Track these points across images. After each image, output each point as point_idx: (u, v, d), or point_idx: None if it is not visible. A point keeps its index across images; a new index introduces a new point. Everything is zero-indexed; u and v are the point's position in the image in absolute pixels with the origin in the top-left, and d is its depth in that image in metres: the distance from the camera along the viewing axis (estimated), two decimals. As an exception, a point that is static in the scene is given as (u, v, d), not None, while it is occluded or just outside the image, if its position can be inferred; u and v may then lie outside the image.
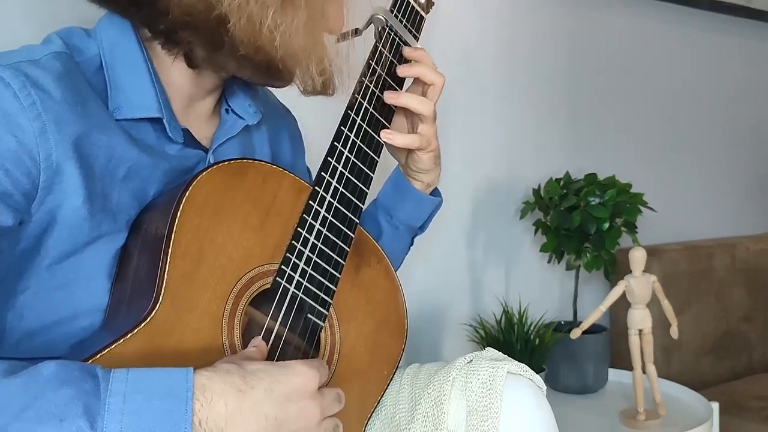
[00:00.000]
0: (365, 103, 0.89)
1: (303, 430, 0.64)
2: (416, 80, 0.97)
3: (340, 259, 0.84)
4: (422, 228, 1.07)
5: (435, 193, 1.05)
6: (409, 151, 0.98)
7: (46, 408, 0.54)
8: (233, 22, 0.74)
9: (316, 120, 1.15)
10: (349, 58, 0.87)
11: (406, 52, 0.95)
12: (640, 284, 1.45)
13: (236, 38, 0.76)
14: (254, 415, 0.60)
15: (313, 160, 1.12)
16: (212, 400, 0.58)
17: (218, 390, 0.59)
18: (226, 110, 0.90)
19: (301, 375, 0.64)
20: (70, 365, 0.58)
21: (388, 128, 0.92)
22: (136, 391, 0.57)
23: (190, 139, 0.84)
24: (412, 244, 1.09)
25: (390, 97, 0.92)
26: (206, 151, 0.86)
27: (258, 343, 0.73)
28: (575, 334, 1.46)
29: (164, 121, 0.80)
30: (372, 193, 1.01)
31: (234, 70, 0.82)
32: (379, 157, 0.90)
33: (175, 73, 0.82)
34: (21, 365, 0.58)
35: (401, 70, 0.94)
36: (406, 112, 0.97)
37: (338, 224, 0.84)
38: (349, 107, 0.88)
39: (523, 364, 0.87)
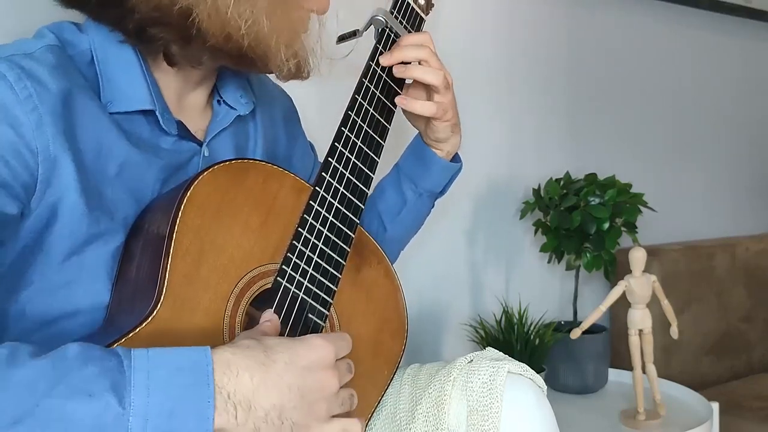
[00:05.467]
0: (365, 104, 0.90)
1: (323, 400, 0.65)
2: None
3: (340, 259, 0.84)
4: (443, 192, 1.09)
5: (455, 157, 1.07)
6: (427, 121, 1.00)
7: (75, 384, 0.55)
8: (196, 13, 0.75)
9: (318, 120, 1.15)
10: (320, 39, 0.87)
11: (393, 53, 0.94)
12: (640, 284, 1.45)
13: (203, 30, 0.76)
14: (278, 387, 0.61)
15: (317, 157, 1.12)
16: (238, 374, 0.60)
17: (243, 364, 0.60)
18: (218, 101, 0.91)
19: (319, 348, 0.65)
20: (91, 346, 0.59)
21: (389, 128, 0.93)
22: (159, 366, 0.58)
23: (184, 132, 0.84)
24: (432, 206, 1.11)
25: (399, 71, 0.93)
26: (200, 144, 0.87)
27: (270, 317, 0.73)
28: (575, 334, 1.46)
29: (157, 113, 0.80)
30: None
31: (209, 62, 0.83)
32: (379, 158, 0.91)
33: (164, 67, 0.83)
34: (44, 349, 0.59)
35: (385, 59, 0.93)
36: (423, 84, 0.97)
37: (339, 224, 0.84)
38: (350, 108, 0.88)
39: (523, 364, 0.87)
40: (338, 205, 0.84)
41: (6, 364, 0.56)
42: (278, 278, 0.78)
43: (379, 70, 0.92)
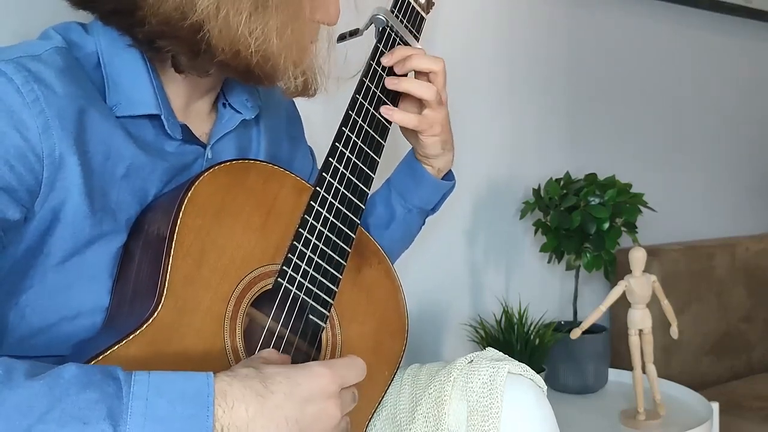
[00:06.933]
0: (366, 104, 0.90)
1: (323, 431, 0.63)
2: (418, 72, 0.96)
3: (341, 260, 0.84)
4: (434, 209, 1.09)
5: (449, 176, 1.06)
6: (416, 135, 0.99)
7: (70, 410, 0.54)
8: (207, 29, 0.74)
9: (319, 120, 1.15)
10: (329, 58, 0.87)
11: (392, 58, 0.93)
12: (640, 284, 1.45)
13: (213, 45, 0.75)
14: (274, 420, 0.60)
15: (317, 161, 1.12)
16: (234, 406, 0.58)
17: (239, 395, 0.59)
18: (224, 104, 0.90)
19: (321, 377, 0.63)
20: (90, 368, 0.57)
21: (389, 127, 0.93)
22: (159, 395, 0.56)
23: (188, 135, 0.84)
24: (423, 223, 1.10)
25: (391, 83, 0.92)
26: (204, 146, 0.86)
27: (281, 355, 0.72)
28: (575, 334, 1.46)
29: (162, 117, 0.80)
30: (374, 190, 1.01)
31: (216, 73, 0.82)
32: (379, 158, 0.91)
33: (172, 73, 0.82)
34: (40, 366, 0.57)
35: (388, 60, 0.92)
36: (415, 97, 0.96)
37: (339, 224, 0.84)
38: (350, 107, 0.88)
39: (523, 364, 0.87)
40: (339, 206, 0.84)
41: (0, 385, 0.54)
42: (279, 279, 0.78)
43: (380, 70, 0.92)
